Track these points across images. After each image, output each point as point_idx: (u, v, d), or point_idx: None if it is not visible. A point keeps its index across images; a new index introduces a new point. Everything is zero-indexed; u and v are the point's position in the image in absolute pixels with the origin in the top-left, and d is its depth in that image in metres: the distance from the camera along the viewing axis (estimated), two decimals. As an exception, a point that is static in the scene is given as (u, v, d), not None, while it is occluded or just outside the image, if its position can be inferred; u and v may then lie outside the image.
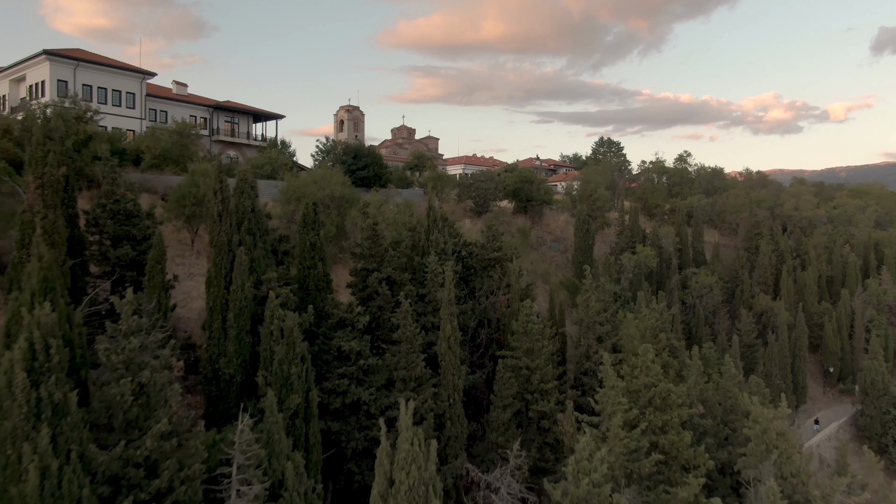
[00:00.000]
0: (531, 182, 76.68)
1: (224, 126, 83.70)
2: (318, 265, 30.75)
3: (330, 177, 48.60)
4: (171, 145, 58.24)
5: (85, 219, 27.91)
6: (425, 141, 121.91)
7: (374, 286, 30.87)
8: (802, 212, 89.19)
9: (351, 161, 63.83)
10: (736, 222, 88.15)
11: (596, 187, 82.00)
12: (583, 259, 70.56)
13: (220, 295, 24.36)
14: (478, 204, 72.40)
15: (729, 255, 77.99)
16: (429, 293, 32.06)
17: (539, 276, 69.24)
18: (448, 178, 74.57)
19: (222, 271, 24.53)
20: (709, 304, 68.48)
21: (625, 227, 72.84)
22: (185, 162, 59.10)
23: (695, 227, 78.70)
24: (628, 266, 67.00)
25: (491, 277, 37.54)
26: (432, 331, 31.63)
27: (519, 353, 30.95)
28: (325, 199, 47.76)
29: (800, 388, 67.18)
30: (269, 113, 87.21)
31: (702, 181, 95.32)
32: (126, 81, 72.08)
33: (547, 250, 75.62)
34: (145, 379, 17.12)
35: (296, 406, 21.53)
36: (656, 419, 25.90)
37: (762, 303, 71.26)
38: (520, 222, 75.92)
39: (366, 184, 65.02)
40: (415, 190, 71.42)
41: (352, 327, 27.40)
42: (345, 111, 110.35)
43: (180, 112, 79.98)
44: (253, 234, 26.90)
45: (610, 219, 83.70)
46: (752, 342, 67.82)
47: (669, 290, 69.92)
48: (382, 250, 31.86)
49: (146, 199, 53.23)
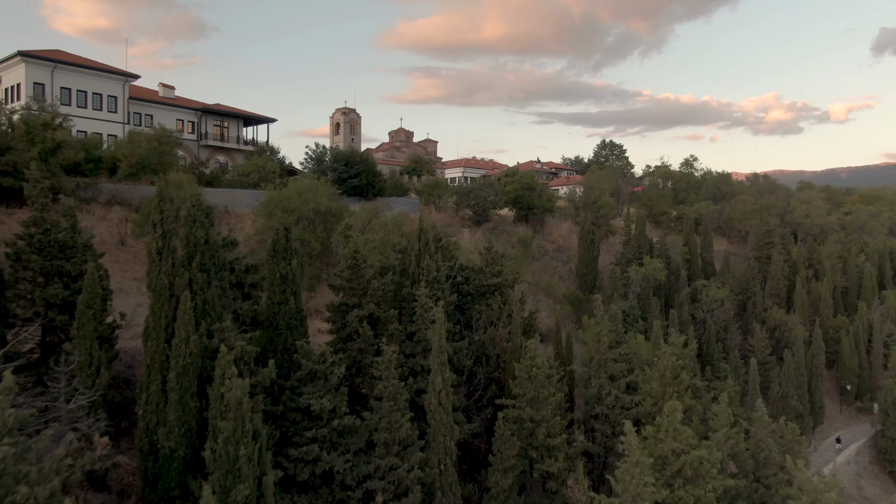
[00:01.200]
0: (532, 189, 71.76)
1: (213, 130, 78.84)
2: (289, 300, 25.92)
3: (315, 188, 43.76)
4: (150, 153, 53.33)
5: (5, 252, 23.10)
6: (423, 144, 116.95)
7: (353, 325, 26.10)
8: (814, 219, 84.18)
9: (342, 169, 58.94)
10: (745, 230, 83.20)
11: (600, 194, 77.09)
12: (587, 271, 65.75)
13: (160, 350, 19.61)
14: (477, 213, 67.56)
15: (739, 266, 73.05)
16: (418, 331, 27.30)
17: (541, 289, 64.46)
18: (445, 185, 69.70)
19: (162, 321, 19.76)
20: (720, 318, 63.58)
21: (631, 237, 67.93)
22: (164, 171, 54.35)
23: (704, 235, 73.78)
24: (636, 279, 62.15)
25: (490, 307, 32.72)
26: (422, 375, 26.88)
27: (522, 402, 26.23)
28: (310, 214, 43.00)
29: (817, 407, 62.30)
30: (260, 116, 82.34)
31: (708, 186, 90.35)
32: (107, 84, 67.22)
33: (549, 261, 70.77)
34: (21, 499, 12.41)
35: (244, 499, 16.79)
36: (687, 496, 21.22)
37: (776, 317, 66.37)
38: (521, 232, 71.09)
39: (358, 192, 60.20)
40: (411, 198, 66.56)
41: (325, 379, 22.70)
42: (341, 114, 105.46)
43: (167, 116, 75.16)
44: (207, 271, 22.18)
45: (615, 227, 78.84)
46: (766, 359, 63.04)
47: (679, 304, 65.05)
48: (365, 282, 27.04)
49: (118, 213, 48.49)
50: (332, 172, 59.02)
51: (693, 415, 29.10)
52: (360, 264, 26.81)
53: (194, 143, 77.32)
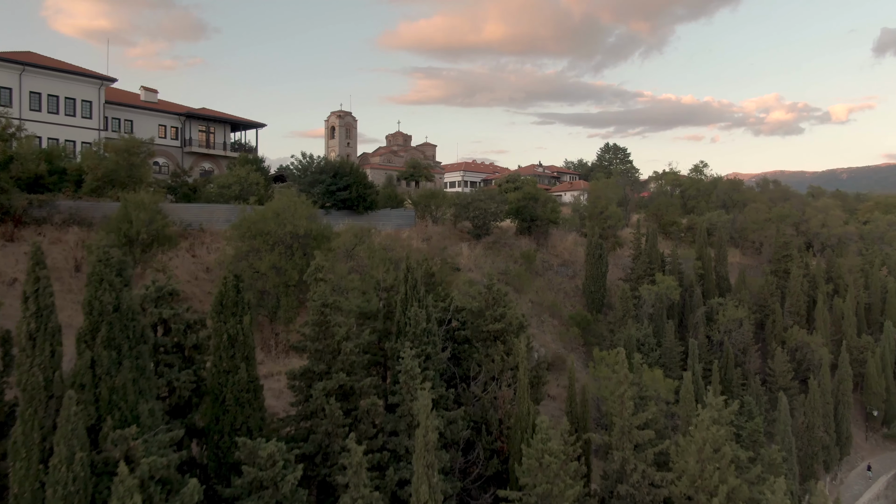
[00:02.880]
0: (536, 199, 65.75)
1: (198, 136, 72.90)
2: (239, 368, 20.08)
3: (294, 208, 37.78)
4: (117, 165, 47.40)
5: None
6: (422, 148, 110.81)
7: (319, 401, 20.24)
8: (831, 229, 78.13)
9: (330, 181, 52.97)
10: (759, 240, 77.15)
11: (607, 203, 71.10)
12: (595, 288, 59.84)
13: (33, 474, 13.74)
14: (476, 226, 61.57)
15: (756, 281, 67.03)
16: (402, 402, 21.47)
17: (546, 309, 58.54)
18: (443, 196, 63.72)
19: (36, 434, 13.82)
20: (738, 340, 57.63)
21: (641, 251, 61.99)
22: (136, 184, 48.39)
23: (718, 248, 67.77)
24: (648, 299, 56.22)
25: (491, 357, 26.81)
26: (405, 460, 21.02)
27: (531, 496, 20.41)
28: (287, 238, 37.01)
29: (843, 437, 56.43)
30: (248, 121, 76.38)
31: (719, 193, 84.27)
32: (81, 88, 61.29)
33: (554, 276, 64.81)
34: None
35: None
36: None
37: (797, 337, 60.40)
38: (523, 245, 65.14)
39: (348, 206, 54.28)
40: (406, 210, 60.59)
41: (275, 488, 16.89)
42: (336, 117, 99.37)
43: (148, 121, 69.27)
44: (118, 348, 16.37)
45: (623, 238, 72.90)
46: (788, 384, 57.10)
47: (694, 326, 59.18)
48: (335, 344, 21.15)
49: (76, 234, 42.50)
50: (319, 185, 53.04)
51: (738, 500, 23.22)
52: (328, 321, 20.86)
53: (178, 150, 71.46)
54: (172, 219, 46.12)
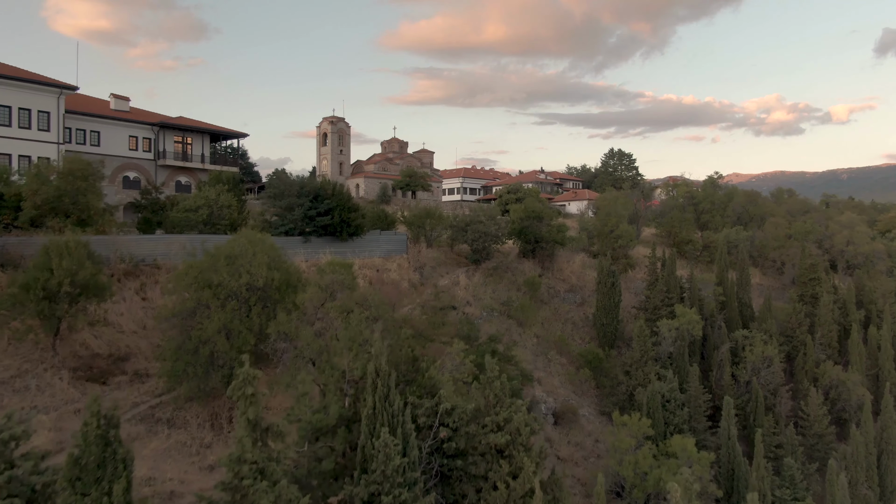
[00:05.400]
0: (540, 218, 57.98)
1: (174, 147, 65.14)
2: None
3: (252, 252, 30.04)
4: (60, 191, 39.74)
5: None
6: (419, 155, 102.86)
7: None
8: (858, 246, 70.31)
9: (309, 204, 45.26)
10: (780, 259, 69.30)
11: (618, 221, 63.36)
12: (607, 321, 52.22)
13: None
14: (475, 250, 53.88)
15: (782, 309, 59.25)
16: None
17: (552, 345, 50.91)
18: (439, 215, 55.96)
19: None
20: (768, 381, 49.92)
21: (658, 278, 54.22)
22: (83, 213, 40.77)
23: (740, 271, 60.11)
24: (667, 336, 48.54)
25: (493, 484, 19.18)
26: None
27: None
28: (242, 291, 29.35)
29: (888, 492, 48.80)
30: (228, 131, 68.65)
31: (735, 207, 76.46)
32: (37, 97, 53.56)
33: (560, 303, 57.12)
34: None
35: None
36: None
37: (830, 374, 52.74)
38: (527, 269, 57.49)
39: (331, 232, 46.54)
40: (397, 234, 52.83)
41: None
42: (328, 123, 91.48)
43: (117, 132, 61.63)
44: None
45: (634, 258, 65.16)
46: (823, 431, 49.42)
47: (718, 363, 51.54)
48: None
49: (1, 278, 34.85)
50: (297, 209, 45.32)
51: None
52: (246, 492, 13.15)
53: (151, 163, 63.70)
54: (122, 254, 38.58)
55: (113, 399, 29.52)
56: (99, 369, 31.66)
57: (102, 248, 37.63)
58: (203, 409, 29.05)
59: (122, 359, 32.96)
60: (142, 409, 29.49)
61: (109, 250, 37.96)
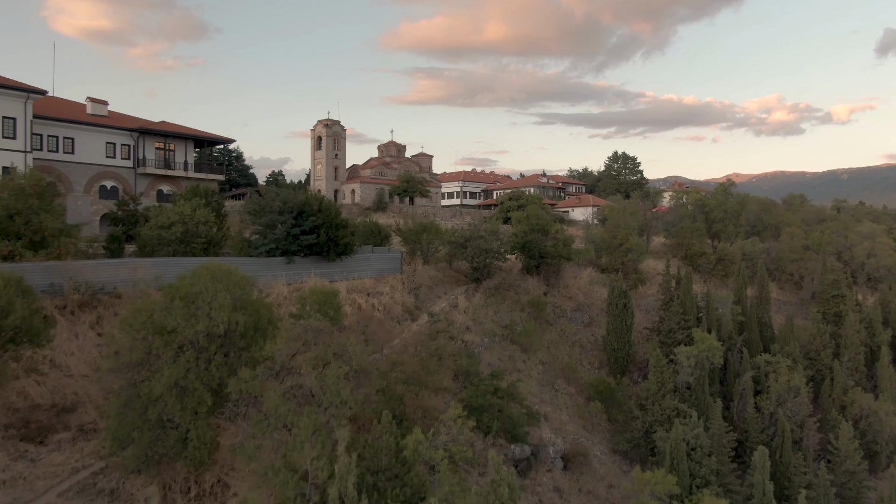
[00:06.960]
0: (545, 233, 53.04)
1: (155, 154, 60.18)
2: None
3: (214, 290, 25.08)
4: (12, 211, 34.83)
5: None
6: (417, 159, 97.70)
7: None
8: (880, 259, 65.35)
9: (293, 222, 40.30)
10: (798, 273, 64.31)
11: (627, 234, 58.42)
12: (619, 346, 47.33)
13: None
14: (476, 268, 48.95)
15: (804, 329, 54.29)
16: None
17: (560, 372, 46.01)
18: (436, 230, 51.05)
19: None
20: (794, 411, 44.98)
21: (673, 298, 49.31)
22: (38, 236, 35.81)
23: (759, 289, 55.17)
24: (685, 365, 43.64)
25: None
26: None
27: None
28: (200, 340, 24.38)
29: (925, 536, 43.85)
30: (213, 136, 63.63)
31: (748, 216, 71.50)
32: (2, 102, 48.53)
33: (567, 324, 52.19)
34: None
35: None
36: None
37: (861, 404, 47.85)
38: (531, 286, 52.55)
39: (317, 252, 41.60)
40: (391, 253, 47.90)
41: None
42: (323, 126, 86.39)
43: (93, 138, 56.70)
44: None
45: (645, 272, 60.24)
46: (855, 468, 44.55)
47: (740, 394, 46.63)
48: None
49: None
50: (280, 227, 40.36)
51: None
52: None
53: (130, 172, 58.78)
54: (77, 282, 33.57)
55: (48, 464, 24.66)
56: (37, 424, 26.76)
57: (55, 276, 32.81)
58: (153, 479, 24.13)
59: (68, 410, 28.06)
60: (82, 477, 24.56)
61: (63, 278, 33.02)
